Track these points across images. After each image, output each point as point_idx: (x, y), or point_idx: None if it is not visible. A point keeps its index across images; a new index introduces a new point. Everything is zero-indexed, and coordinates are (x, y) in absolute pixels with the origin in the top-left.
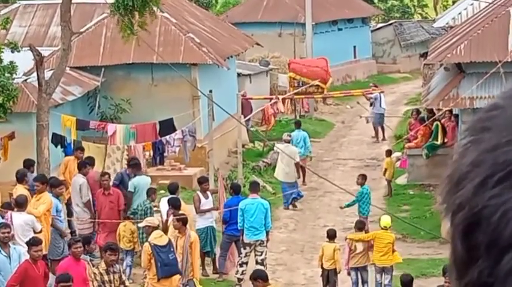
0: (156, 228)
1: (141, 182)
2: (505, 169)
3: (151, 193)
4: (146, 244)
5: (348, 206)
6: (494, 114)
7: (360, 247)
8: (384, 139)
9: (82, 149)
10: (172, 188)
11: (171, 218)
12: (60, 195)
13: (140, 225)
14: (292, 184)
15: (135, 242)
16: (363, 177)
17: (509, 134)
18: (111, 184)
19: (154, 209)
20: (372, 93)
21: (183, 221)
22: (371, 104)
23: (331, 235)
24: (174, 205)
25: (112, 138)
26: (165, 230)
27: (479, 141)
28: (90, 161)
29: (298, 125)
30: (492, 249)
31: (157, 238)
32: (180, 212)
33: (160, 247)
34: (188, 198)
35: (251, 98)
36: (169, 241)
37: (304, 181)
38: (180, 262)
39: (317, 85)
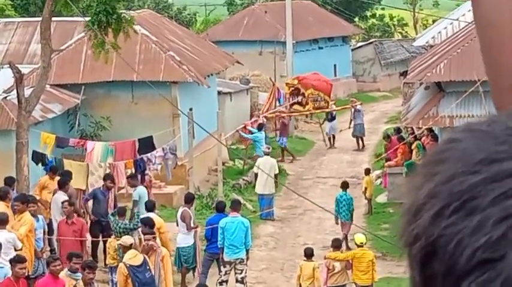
0: (129, 248)
1: (142, 192)
2: (460, 198)
3: (122, 211)
4: (121, 264)
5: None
6: (450, 146)
7: (338, 266)
8: (363, 148)
9: (56, 171)
10: (150, 206)
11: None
12: (36, 213)
13: (119, 242)
14: (269, 196)
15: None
16: (342, 183)
17: (464, 165)
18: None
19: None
20: (356, 105)
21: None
22: (329, 120)
23: (309, 254)
24: (148, 224)
25: (89, 156)
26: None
27: (435, 173)
28: (69, 176)
29: (260, 126)
30: (448, 277)
31: (132, 258)
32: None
33: (135, 267)
34: (168, 216)
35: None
36: (144, 259)
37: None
38: None
39: (324, 99)
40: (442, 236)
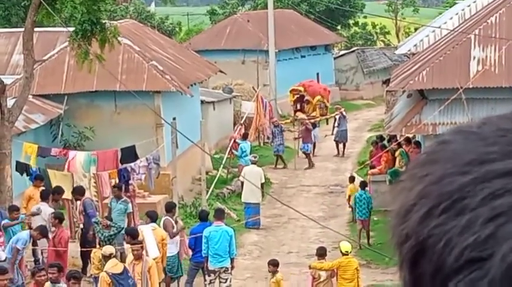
0: (109, 257)
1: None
2: (449, 198)
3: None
4: (103, 273)
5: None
6: (440, 148)
7: (323, 274)
8: (343, 154)
9: (41, 179)
10: (154, 217)
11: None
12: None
13: (101, 252)
14: (255, 205)
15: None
16: (361, 183)
17: (453, 166)
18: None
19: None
20: (342, 111)
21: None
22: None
23: (276, 264)
24: (132, 234)
25: (71, 165)
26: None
27: (425, 174)
28: (59, 190)
29: (245, 136)
30: (437, 276)
31: (114, 266)
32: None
33: (117, 274)
34: None
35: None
36: (125, 267)
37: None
38: None
39: (325, 105)
40: (431, 236)
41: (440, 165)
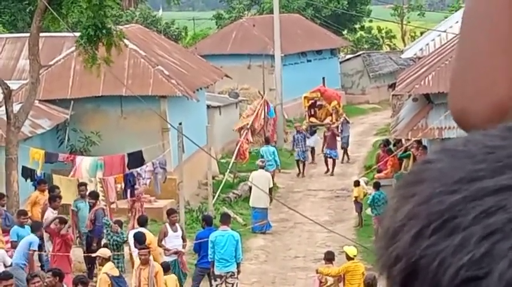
0: (108, 260)
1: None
2: (439, 218)
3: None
4: (103, 275)
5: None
6: (426, 167)
7: (330, 279)
8: (342, 161)
9: (45, 183)
10: (142, 221)
11: (136, 252)
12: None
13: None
14: (263, 210)
15: None
16: (375, 184)
17: (442, 185)
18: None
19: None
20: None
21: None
22: (310, 133)
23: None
24: (139, 240)
25: (77, 170)
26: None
27: (412, 194)
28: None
29: (267, 141)
30: None
31: (112, 269)
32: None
33: (116, 277)
34: (158, 231)
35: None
36: (120, 272)
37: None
38: None
39: (338, 110)
40: (423, 257)
41: (428, 184)
